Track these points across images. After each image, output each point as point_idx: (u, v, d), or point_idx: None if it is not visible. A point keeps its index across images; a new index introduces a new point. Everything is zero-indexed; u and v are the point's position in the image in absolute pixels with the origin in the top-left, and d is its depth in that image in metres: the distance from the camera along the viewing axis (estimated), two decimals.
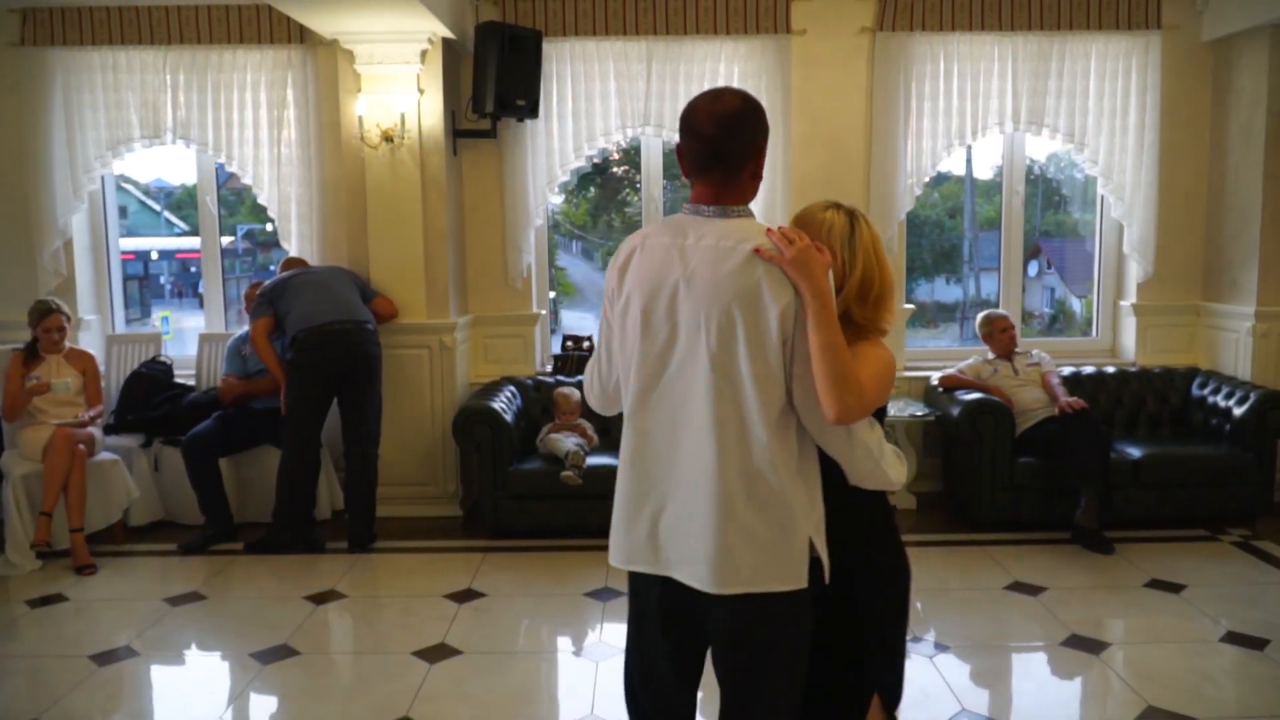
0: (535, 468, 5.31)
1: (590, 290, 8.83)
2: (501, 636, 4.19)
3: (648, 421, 2.10)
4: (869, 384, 2.00)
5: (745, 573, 2.01)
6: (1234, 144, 5.88)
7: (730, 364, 1.98)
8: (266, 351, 5.25)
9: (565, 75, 5.88)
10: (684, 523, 2.06)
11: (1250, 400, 5.37)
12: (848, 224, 2.19)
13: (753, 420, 1.98)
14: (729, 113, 2.04)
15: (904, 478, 2.20)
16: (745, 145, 2.05)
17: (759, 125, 2.07)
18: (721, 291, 1.98)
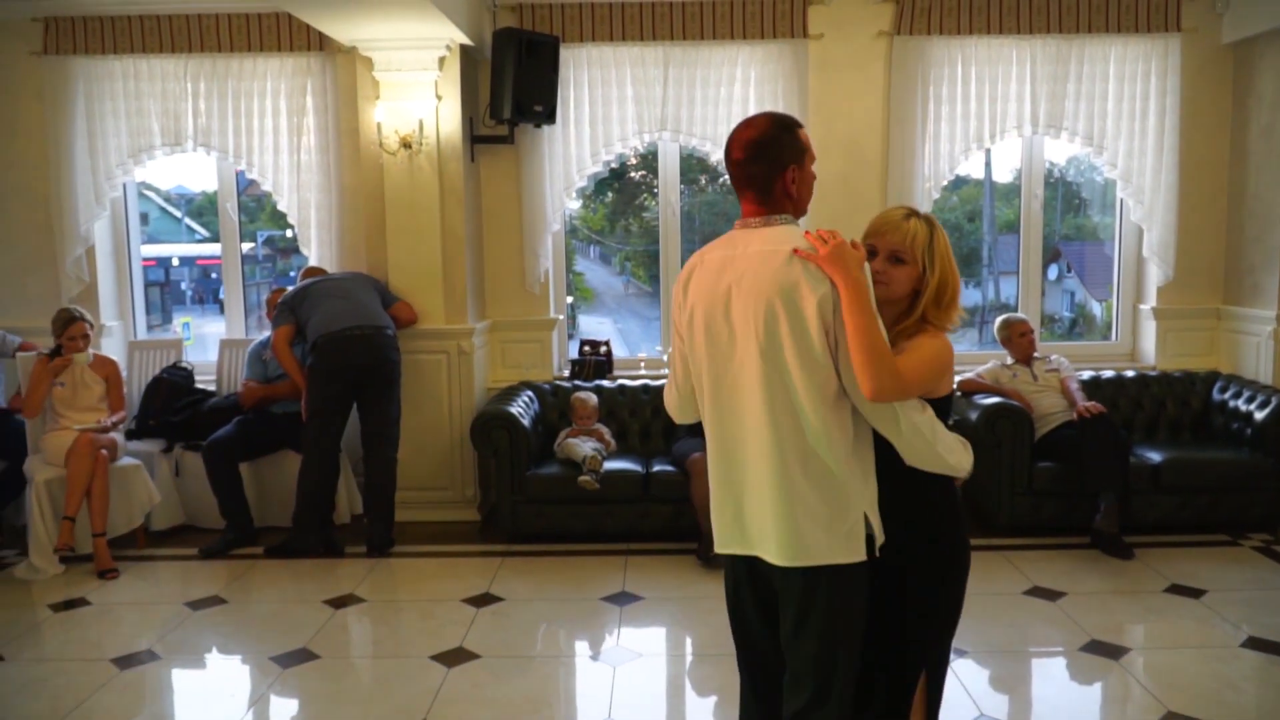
0: (553, 472, 5.32)
1: (608, 295, 8.84)
2: (519, 641, 4.21)
3: (720, 416, 2.33)
4: (915, 367, 2.21)
5: (811, 547, 2.23)
6: (1255, 147, 5.84)
7: (776, 354, 2.20)
8: (288, 359, 5.29)
9: (582, 81, 5.91)
10: (758, 505, 2.28)
11: (1272, 404, 5.32)
12: (928, 231, 2.38)
13: (801, 404, 2.20)
14: (753, 139, 2.30)
15: (967, 465, 2.32)
16: (771, 166, 2.28)
17: (785, 146, 2.29)
18: (766, 289, 2.20)
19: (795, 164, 2.30)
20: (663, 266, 6.39)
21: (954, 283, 2.38)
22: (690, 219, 7.24)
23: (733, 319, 2.26)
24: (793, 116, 2.39)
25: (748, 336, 2.23)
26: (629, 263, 8.33)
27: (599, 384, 5.99)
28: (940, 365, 2.30)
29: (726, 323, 2.27)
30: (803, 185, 2.33)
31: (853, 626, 2.29)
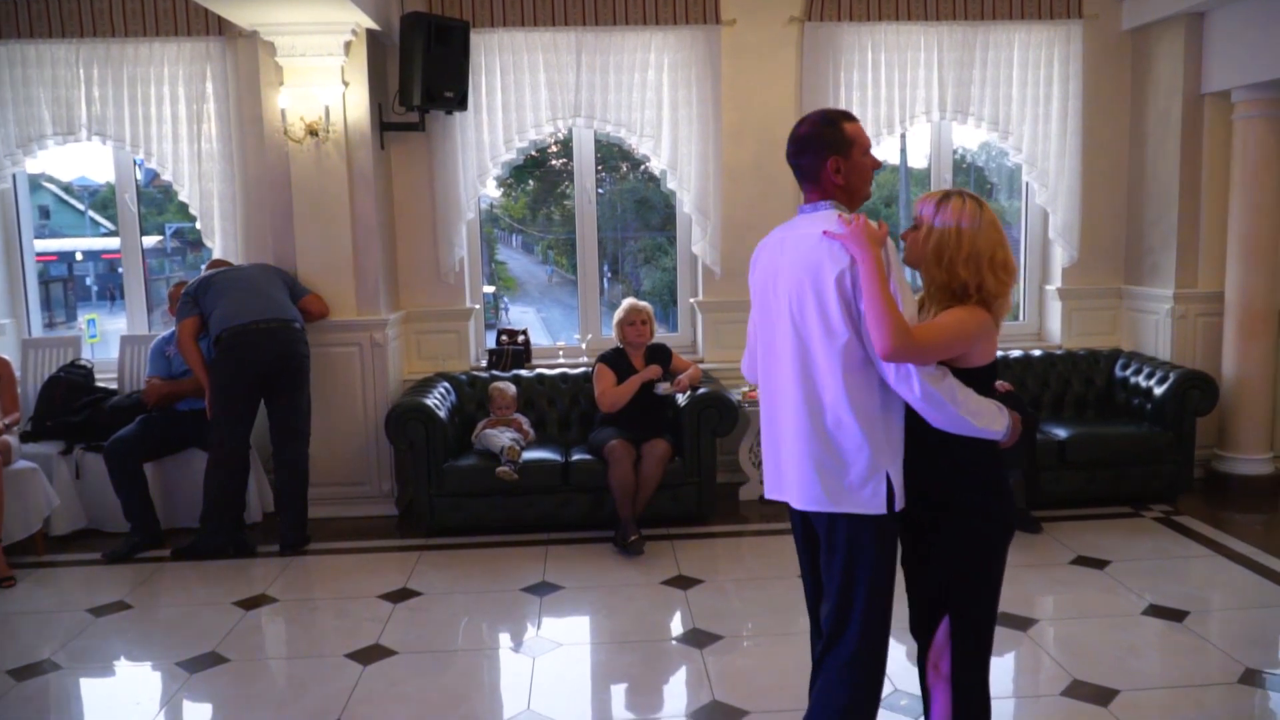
0: (471, 464, 5.26)
1: (532, 284, 8.77)
2: (438, 635, 4.15)
3: (767, 378, 2.64)
4: (930, 332, 2.38)
5: (825, 496, 2.48)
6: (1153, 131, 6.03)
7: (803, 322, 2.48)
8: (193, 354, 5.13)
9: (494, 67, 5.83)
10: (788, 455, 2.57)
11: (1170, 380, 5.52)
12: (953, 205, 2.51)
13: (821, 368, 2.46)
14: (798, 135, 2.59)
15: (997, 428, 2.42)
16: (814, 159, 2.54)
17: (826, 139, 2.54)
18: (799, 266, 2.48)
19: (838, 155, 2.52)
20: (579, 254, 6.35)
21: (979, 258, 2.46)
22: (613, 206, 7.22)
23: (778, 291, 2.54)
24: (843, 111, 2.62)
25: (784, 308, 2.52)
26: (552, 251, 8.28)
27: (517, 373, 5.94)
28: (959, 332, 2.42)
29: (775, 295, 2.56)
30: (851, 174, 2.54)
31: (873, 572, 2.49)
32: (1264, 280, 5.65)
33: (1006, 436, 2.45)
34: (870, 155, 2.60)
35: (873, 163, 2.60)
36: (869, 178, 2.60)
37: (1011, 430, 2.46)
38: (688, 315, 6.41)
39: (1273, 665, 3.67)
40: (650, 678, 3.78)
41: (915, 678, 2.89)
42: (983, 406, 2.43)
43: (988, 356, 2.50)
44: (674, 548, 5.08)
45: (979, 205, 2.50)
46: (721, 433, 5.35)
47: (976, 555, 2.54)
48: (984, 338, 2.47)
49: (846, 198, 2.56)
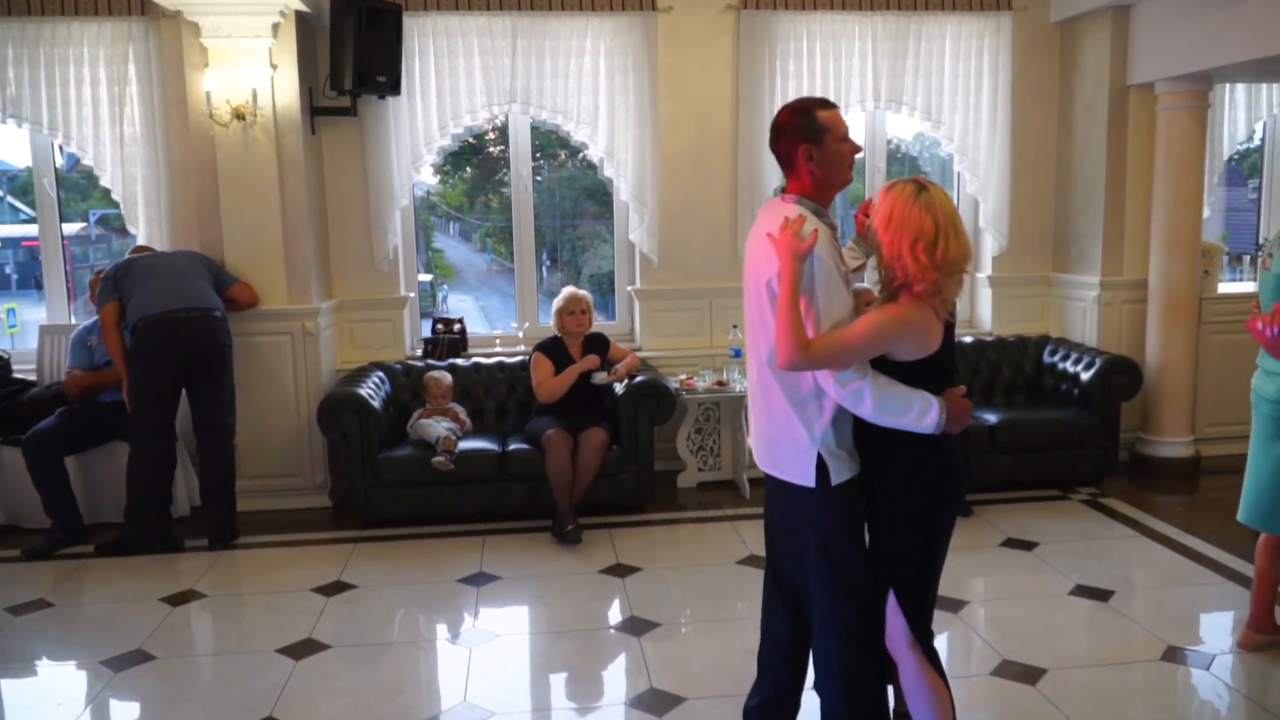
0: (406, 454, 5.19)
1: (470, 272, 8.67)
2: (373, 628, 4.09)
3: (749, 352, 2.76)
4: (839, 342, 2.44)
5: (773, 461, 2.69)
6: (1080, 121, 6.16)
7: (751, 316, 2.67)
8: (115, 341, 4.97)
9: (428, 51, 5.73)
10: (753, 428, 2.79)
11: (1096, 366, 5.65)
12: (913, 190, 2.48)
13: (764, 356, 2.61)
14: (775, 124, 2.67)
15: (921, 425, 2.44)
16: (788, 146, 2.62)
17: (797, 129, 2.60)
18: (752, 259, 2.64)
19: (809, 142, 2.58)
20: (516, 242, 6.29)
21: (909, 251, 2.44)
22: (551, 194, 7.16)
23: (745, 275, 2.71)
24: (820, 99, 2.69)
25: (748, 292, 2.69)
26: (490, 239, 8.20)
27: (453, 363, 5.87)
28: (870, 336, 2.44)
29: (746, 278, 2.72)
30: (824, 161, 2.59)
31: (821, 543, 2.63)
32: (1185, 268, 5.81)
33: (937, 430, 2.46)
34: (848, 141, 2.63)
35: (851, 149, 2.64)
36: (844, 164, 2.63)
37: (951, 420, 2.47)
38: (625, 303, 6.40)
39: (1194, 642, 3.78)
40: (588, 666, 3.78)
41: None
42: (903, 405, 2.45)
43: (918, 352, 2.49)
44: (612, 536, 5.07)
45: (917, 189, 2.47)
46: (659, 421, 5.35)
47: (905, 529, 2.61)
48: (906, 336, 2.47)
49: (823, 184, 2.63)
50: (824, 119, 2.61)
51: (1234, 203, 8.18)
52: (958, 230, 2.45)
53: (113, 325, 4.96)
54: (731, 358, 5.81)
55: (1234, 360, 6.12)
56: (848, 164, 2.66)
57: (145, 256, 5.14)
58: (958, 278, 2.47)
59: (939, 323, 2.50)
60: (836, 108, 2.67)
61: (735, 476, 5.88)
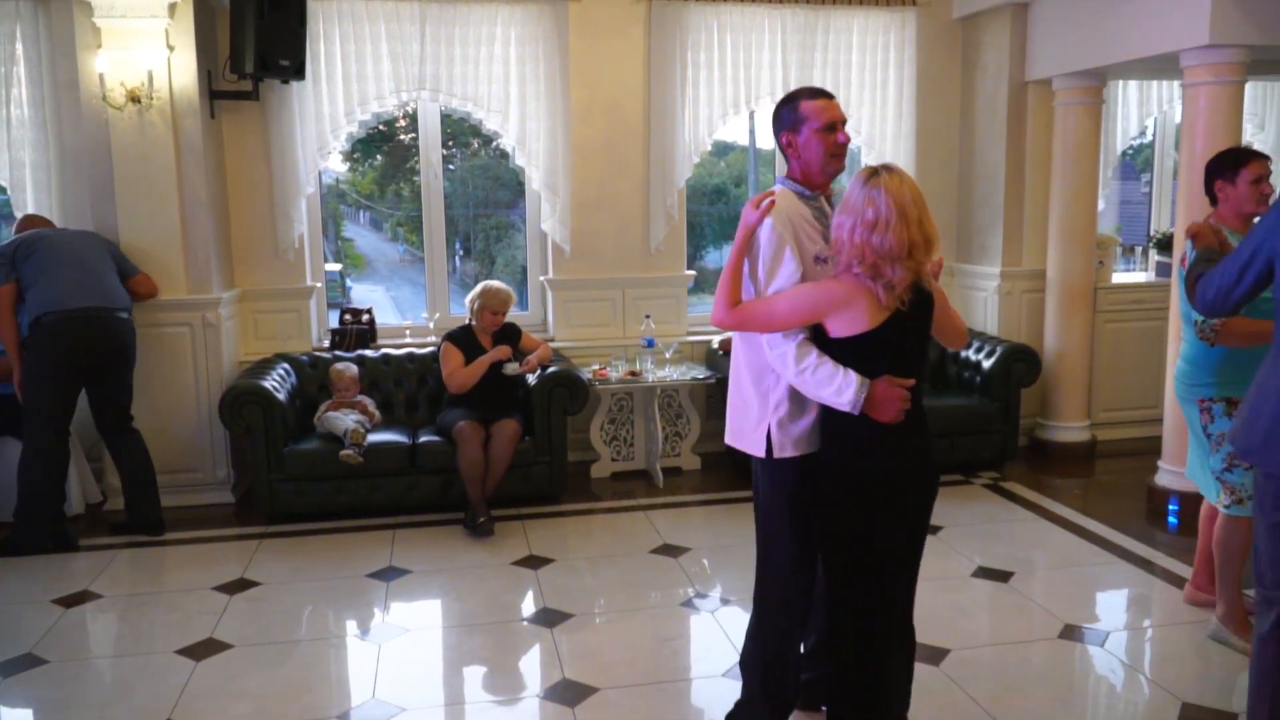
0: (312, 448, 5.08)
1: (381, 262, 8.52)
2: (278, 626, 3.99)
3: None
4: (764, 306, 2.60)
5: (734, 432, 2.86)
6: (981, 116, 6.32)
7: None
8: (8, 326, 4.71)
9: (333, 35, 5.59)
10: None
11: (997, 354, 5.82)
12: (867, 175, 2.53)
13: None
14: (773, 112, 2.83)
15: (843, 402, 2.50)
16: (775, 134, 2.80)
17: (781, 117, 2.78)
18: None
19: (789, 130, 2.73)
20: (426, 231, 6.20)
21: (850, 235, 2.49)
22: (464, 183, 7.08)
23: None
24: (812, 88, 2.79)
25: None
26: (402, 228, 8.07)
27: (361, 354, 5.75)
28: (797, 305, 2.56)
29: None
30: (803, 149, 2.72)
31: (772, 513, 2.79)
32: (1081, 258, 6.02)
33: (853, 409, 2.49)
34: (830, 132, 2.68)
35: (831, 140, 2.69)
36: (822, 153, 2.70)
37: (875, 405, 2.49)
38: (538, 293, 6.36)
39: (1090, 620, 3.92)
40: (500, 659, 3.75)
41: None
42: (824, 378, 2.52)
43: (846, 329, 2.51)
44: (525, 528, 5.04)
45: (870, 174, 2.50)
46: (572, 411, 5.34)
47: (834, 508, 2.63)
48: (829, 310, 2.52)
49: (806, 170, 2.75)
50: (805, 109, 2.71)
51: (1128, 196, 8.51)
52: (906, 219, 2.43)
53: (9, 309, 4.71)
54: (644, 348, 5.82)
55: (1127, 348, 6.39)
56: (829, 153, 2.70)
57: (47, 235, 4.88)
58: (902, 265, 2.44)
59: (876, 305, 2.48)
60: (824, 97, 2.74)
61: (649, 466, 5.90)
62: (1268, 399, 2.50)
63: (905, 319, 2.52)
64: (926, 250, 2.47)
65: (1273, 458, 2.46)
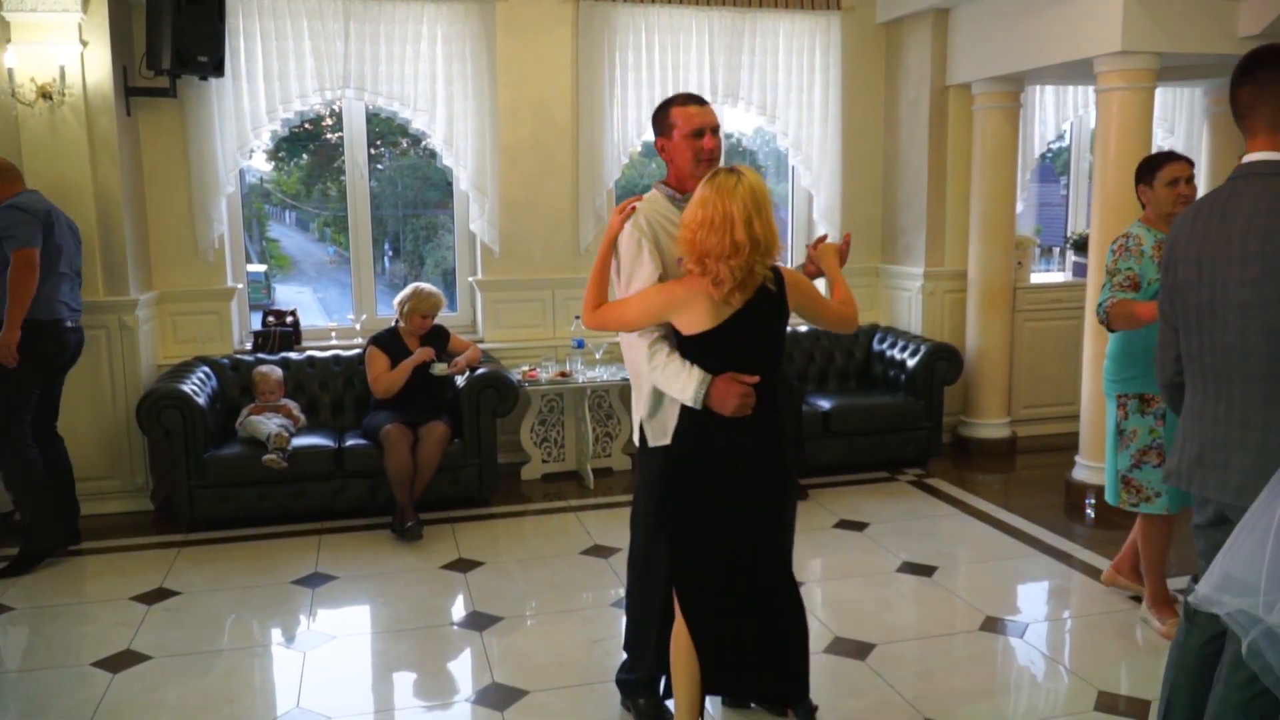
0: (235, 453, 4.97)
1: (307, 263, 8.37)
2: (199, 636, 3.89)
3: None
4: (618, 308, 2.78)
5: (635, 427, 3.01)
6: (904, 119, 6.44)
7: None
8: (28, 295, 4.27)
9: (254, 32, 5.48)
10: None
11: (921, 353, 5.93)
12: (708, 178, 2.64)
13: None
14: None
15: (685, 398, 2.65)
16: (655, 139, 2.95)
17: (655, 123, 2.96)
18: None
19: (662, 136, 2.91)
20: (352, 232, 6.11)
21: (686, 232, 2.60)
22: (393, 183, 6.99)
23: None
24: (686, 95, 2.94)
25: None
26: (329, 229, 7.94)
27: (285, 356, 5.65)
28: (641, 307, 2.72)
29: None
30: (673, 153, 2.89)
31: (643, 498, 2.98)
32: (1001, 259, 6.16)
33: (694, 403, 2.64)
34: (697, 138, 2.83)
35: (698, 145, 2.84)
36: (690, 157, 2.85)
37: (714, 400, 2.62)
38: (467, 294, 6.30)
39: (1010, 612, 4.02)
40: (429, 664, 3.71)
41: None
42: (672, 373, 2.68)
43: (692, 327, 2.64)
44: (454, 531, 5.00)
45: (709, 179, 2.60)
46: (502, 413, 5.30)
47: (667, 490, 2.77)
48: (669, 309, 2.67)
49: (678, 173, 2.91)
50: (675, 115, 2.88)
51: (1047, 198, 8.73)
52: (732, 219, 2.52)
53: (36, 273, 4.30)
54: (575, 349, 5.81)
55: (1045, 346, 6.56)
56: (696, 158, 2.84)
57: (60, 218, 4.56)
58: (724, 266, 2.54)
59: (715, 304, 2.60)
60: (695, 104, 2.88)
61: (579, 467, 5.89)
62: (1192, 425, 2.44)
63: (748, 317, 2.63)
64: (756, 251, 2.55)
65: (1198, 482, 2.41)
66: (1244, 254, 2.22)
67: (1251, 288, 2.21)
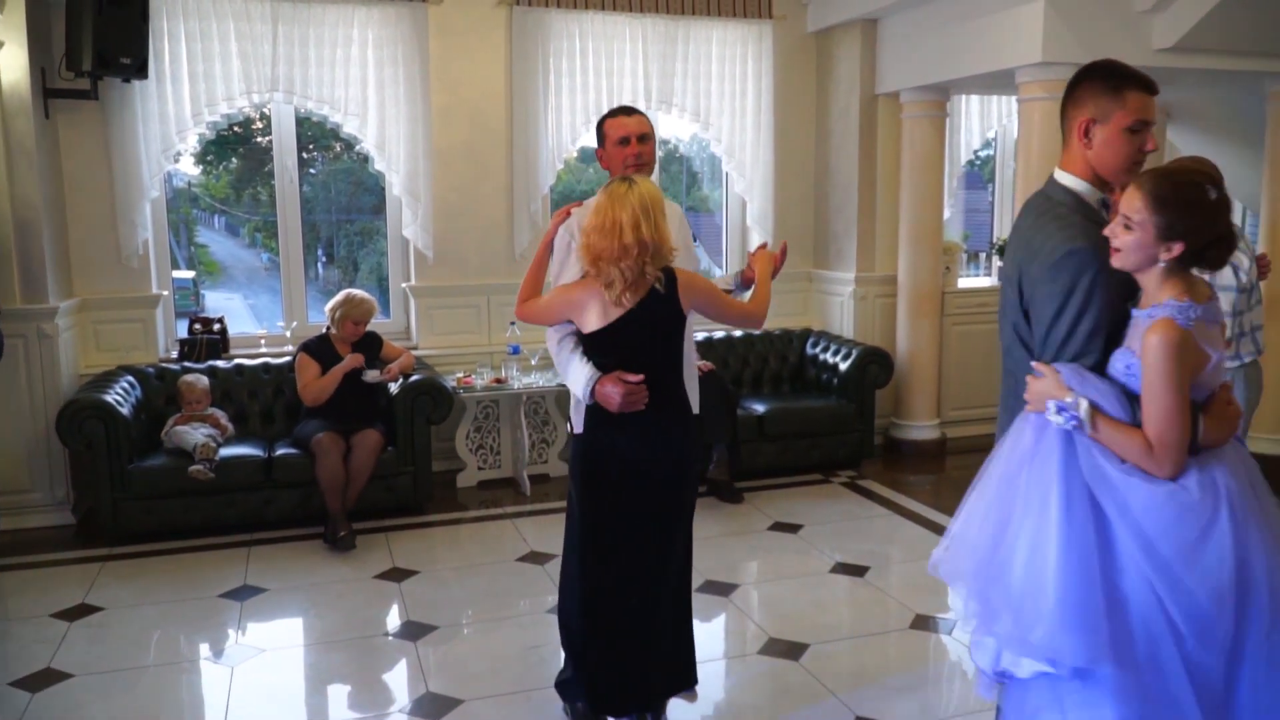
0: (160, 464, 4.86)
1: (236, 268, 8.22)
2: (124, 653, 3.79)
3: None
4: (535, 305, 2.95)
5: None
6: (835, 127, 6.54)
7: None
8: None
9: (178, 33, 5.37)
10: None
11: (853, 356, 6.02)
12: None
13: None
14: None
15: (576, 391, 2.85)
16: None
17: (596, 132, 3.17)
18: None
19: (599, 146, 3.15)
20: (282, 237, 6.01)
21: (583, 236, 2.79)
22: (326, 187, 6.90)
23: None
24: (621, 107, 3.15)
25: None
26: (260, 234, 7.81)
27: (213, 365, 5.53)
28: (548, 304, 2.90)
29: None
30: (607, 162, 3.11)
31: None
32: (929, 264, 6.29)
33: (584, 399, 2.81)
34: (623, 145, 3.03)
35: (624, 153, 3.04)
36: (618, 164, 3.06)
37: (601, 398, 2.78)
38: (401, 301, 6.24)
39: (941, 610, 4.10)
40: (362, 676, 3.66)
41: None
42: (573, 372, 2.86)
43: (589, 326, 2.80)
44: (389, 540, 4.94)
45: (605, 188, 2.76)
46: (436, 420, 5.26)
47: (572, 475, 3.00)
48: (566, 309, 2.84)
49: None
50: (607, 126, 3.10)
51: (975, 204, 8.92)
52: (620, 225, 2.67)
53: None
54: (510, 355, 5.79)
55: (973, 349, 6.70)
56: (623, 165, 3.04)
57: None
58: (614, 268, 2.69)
59: (605, 305, 2.75)
60: (625, 114, 3.09)
61: (515, 474, 5.87)
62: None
63: (639, 317, 2.76)
64: (644, 254, 2.68)
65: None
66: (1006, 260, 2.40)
67: (1003, 292, 2.37)
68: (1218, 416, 2.06)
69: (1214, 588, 1.93)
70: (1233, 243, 2.05)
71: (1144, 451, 1.99)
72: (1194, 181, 2.01)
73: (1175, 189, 1.99)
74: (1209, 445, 2.05)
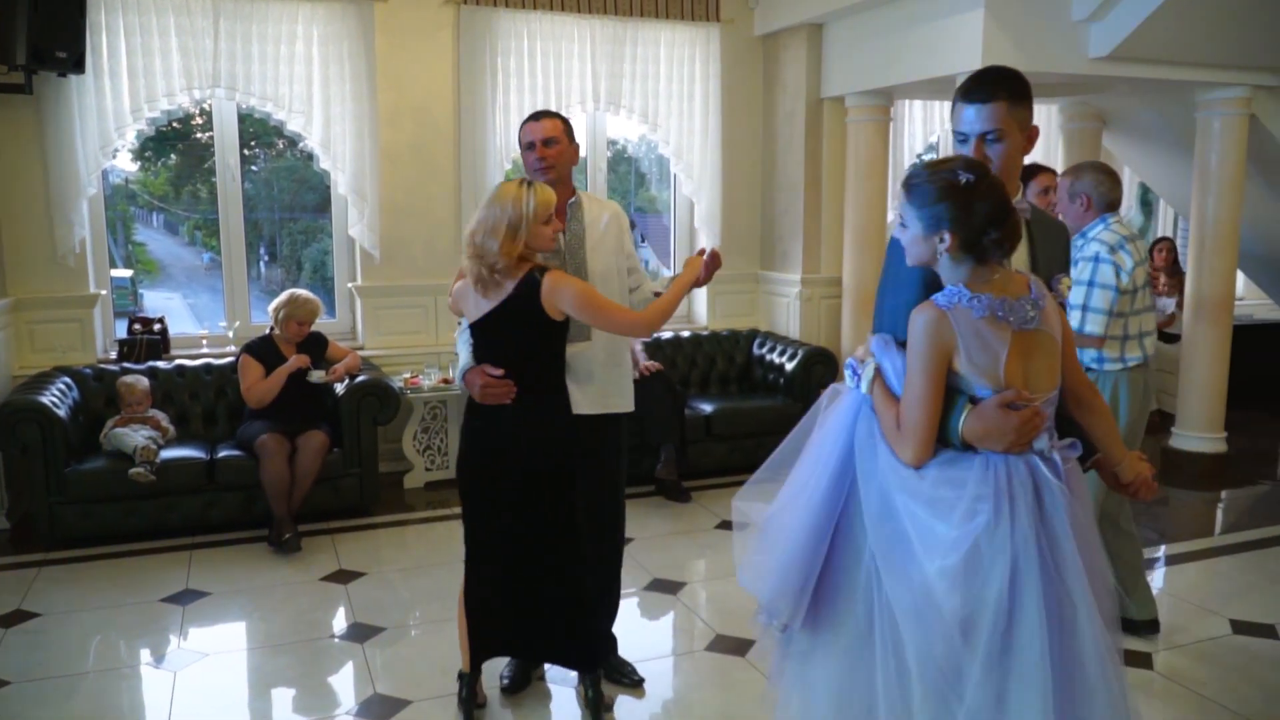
0: (98, 467, 4.76)
1: (176, 267, 8.07)
2: (61, 659, 3.71)
3: None
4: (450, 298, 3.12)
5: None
6: (781, 129, 6.61)
7: None
8: None
9: (117, 27, 5.27)
10: None
11: (798, 357, 6.10)
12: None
13: None
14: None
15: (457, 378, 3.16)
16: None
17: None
18: None
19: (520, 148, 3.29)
20: (223, 236, 5.92)
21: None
22: (269, 185, 6.81)
23: None
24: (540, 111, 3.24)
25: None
26: (200, 232, 7.68)
27: (153, 365, 5.43)
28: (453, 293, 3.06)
29: None
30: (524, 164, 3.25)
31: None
32: (873, 265, 6.38)
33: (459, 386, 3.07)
34: (529, 150, 3.16)
35: (531, 157, 3.16)
36: (528, 167, 3.21)
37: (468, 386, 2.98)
38: (346, 301, 6.18)
39: None
40: (308, 679, 3.63)
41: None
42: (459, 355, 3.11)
43: (469, 317, 2.98)
44: (335, 542, 4.90)
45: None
46: (383, 421, 5.23)
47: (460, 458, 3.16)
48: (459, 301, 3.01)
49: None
50: (520, 130, 3.22)
51: None
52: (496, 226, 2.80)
53: None
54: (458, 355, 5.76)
55: None
56: (531, 167, 3.19)
57: None
58: (472, 264, 2.85)
59: (476, 297, 2.90)
60: (534, 119, 3.18)
61: None
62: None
63: (501, 314, 2.88)
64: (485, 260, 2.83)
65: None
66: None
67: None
68: (986, 419, 1.96)
69: (950, 582, 1.91)
70: (1016, 230, 1.99)
71: (893, 428, 2.04)
72: (941, 170, 1.99)
73: (925, 180, 2.00)
74: (974, 443, 1.98)
